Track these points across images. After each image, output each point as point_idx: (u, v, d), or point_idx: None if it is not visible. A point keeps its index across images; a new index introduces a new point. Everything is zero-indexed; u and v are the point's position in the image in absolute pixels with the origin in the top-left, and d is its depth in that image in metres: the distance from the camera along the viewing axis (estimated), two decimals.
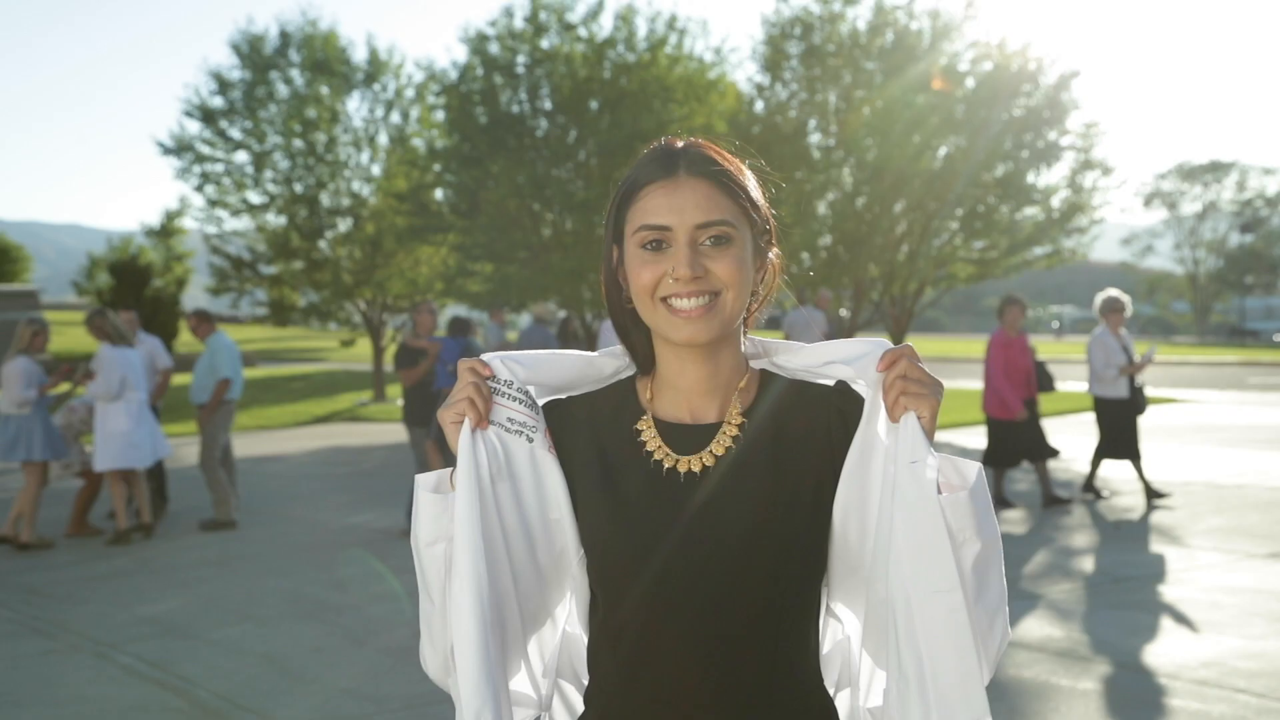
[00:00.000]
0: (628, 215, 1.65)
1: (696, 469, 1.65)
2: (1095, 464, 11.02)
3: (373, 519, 10.83)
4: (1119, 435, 10.71)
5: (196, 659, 6.41)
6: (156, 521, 10.65)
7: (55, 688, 5.95)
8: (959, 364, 40.38)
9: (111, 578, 8.58)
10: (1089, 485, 11.08)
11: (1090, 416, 11.48)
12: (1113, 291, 11.05)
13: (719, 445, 1.66)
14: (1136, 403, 10.81)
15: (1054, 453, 10.89)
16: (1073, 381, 21.78)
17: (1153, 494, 10.66)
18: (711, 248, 1.60)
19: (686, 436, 1.68)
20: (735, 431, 1.67)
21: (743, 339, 1.73)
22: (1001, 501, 10.69)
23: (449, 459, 7.71)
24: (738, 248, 1.62)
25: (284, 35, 27.40)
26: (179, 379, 20.51)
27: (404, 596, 7.70)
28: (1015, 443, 10.67)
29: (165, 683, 5.98)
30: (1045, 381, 11.00)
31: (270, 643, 6.71)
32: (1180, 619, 6.74)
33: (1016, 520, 10.16)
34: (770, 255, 1.72)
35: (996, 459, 10.76)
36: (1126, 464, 11.01)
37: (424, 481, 1.63)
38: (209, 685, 5.92)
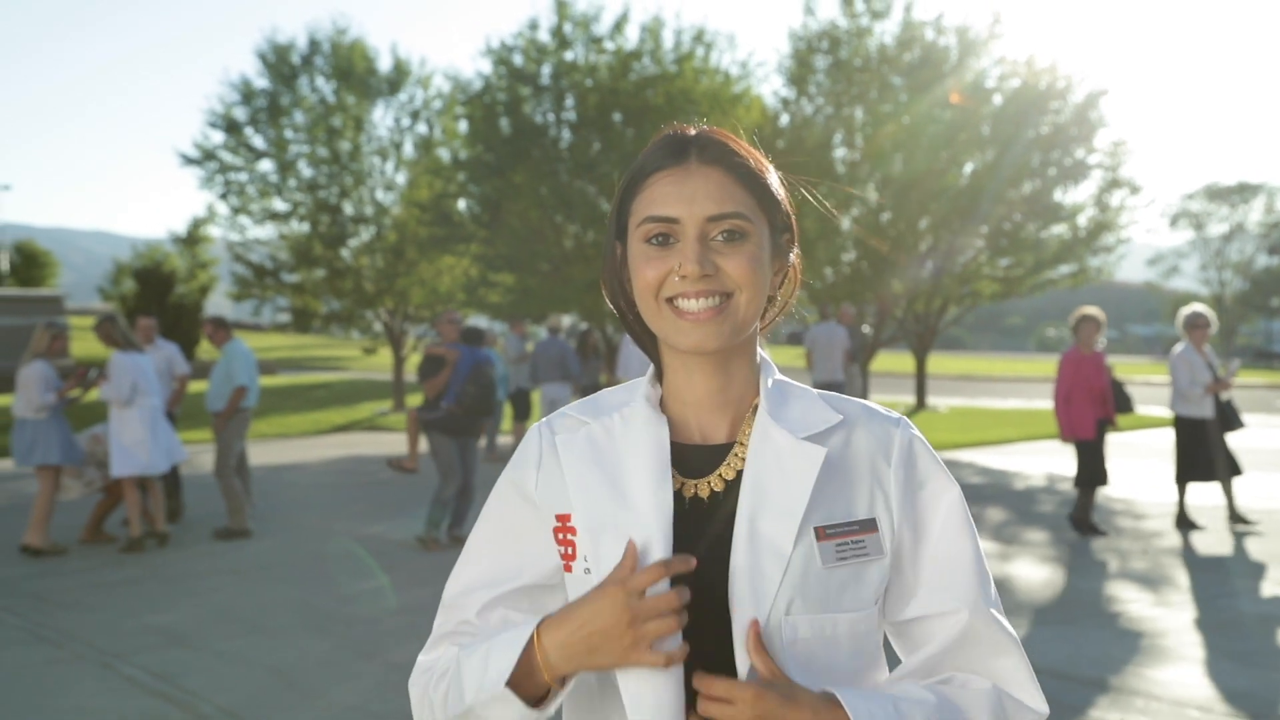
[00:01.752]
0: (632, 206, 1.47)
1: (704, 494, 1.47)
2: (1182, 491, 10.41)
3: (388, 530, 10.71)
4: (1202, 456, 10.16)
5: (202, 670, 6.29)
6: (171, 527, 10.57)
7: (56, 697, 5.84)
8: (980, 383, 40.14)
9: (122, 585, 8.48)
10: (1183, 519, 10.41)
11: (1136, 438, 10.79)
12: (1197, 306, 10.52)
13: (729, 469, 1.48)
14: (1226, 421, 10.30)
15: (1103, 483, 10.22)
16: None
17: (1238, 518, 10.29)
18: (724, 243, 1.42)
19: (694, 457, 1.50)
20: (747, 454, 1.48)
21: (758, 350, 1.55)
22: (1090, 528, 10.13)
23: (436, 446, 7.44)
24: (753, 245, 1.43)
25: (313, 44, 27.49)
26: (197, 385, 20.51)
27: (414, 610, 7.57)
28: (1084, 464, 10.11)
29: (168, 695, 5.86)
30: (1123, 402, 10.36)
31: (278, 655, 6.59)
32: (1214, 649, 6.55)
33: (1043, 544, 9.96)
34: (790, 258, 1.54)
35: (1083, 480, 10.21)
36: (1168, 487, 10.62)
37: (507, 694, 1.38)
38: (212, 698, 5.79)
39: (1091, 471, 10.15)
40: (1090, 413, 10.04)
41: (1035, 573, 8.69)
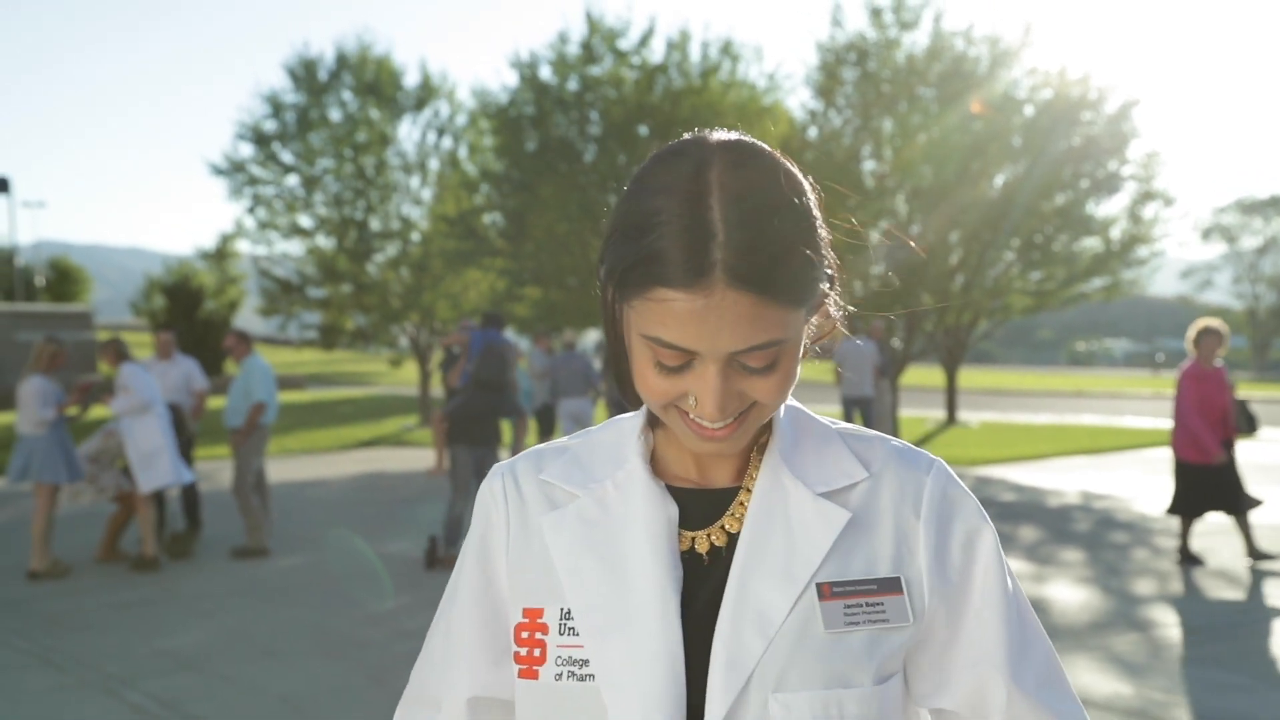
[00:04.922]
0: (633, 299, 1.14)
1: (703, 548, 1.23)
2: None
3: (408, 548, 10.52)
4: None
5: (210, 697, 6.10)
6: (181, 545, 10.41)
7: None
8: (1012, 397, 39.72)
9: (135, 607, 8.32)
10: None
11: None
12: None
13: (734, 519, 1.24)
14: None
15: (1256, 502, 9.37)
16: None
17: None
18: (751, 369, 1.14)
19: (693, 504, 1.26)
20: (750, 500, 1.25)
21: None
22: (1189, 558, 9.42)
23: (454, 457, 7.24)
24: (788, 360, 1.15)
25: (340, 58, 27.52)
26: (216, 401, 20.45)
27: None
28: (1207, 490, 9.31)
29: None
30: (1245, 422, 9.61)
31: (289, 681, 6.40)
32: (1262, 676, 6.26)
33: (1078, 564, 9.67)
34: (830, 309, 1.24)
35: (1185, 507, 9.43)
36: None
37: None
38: None
39: (1187, 498, 9.40)
40: (1213, 433, 9.26)
41: (1071, 594, 8.40)
